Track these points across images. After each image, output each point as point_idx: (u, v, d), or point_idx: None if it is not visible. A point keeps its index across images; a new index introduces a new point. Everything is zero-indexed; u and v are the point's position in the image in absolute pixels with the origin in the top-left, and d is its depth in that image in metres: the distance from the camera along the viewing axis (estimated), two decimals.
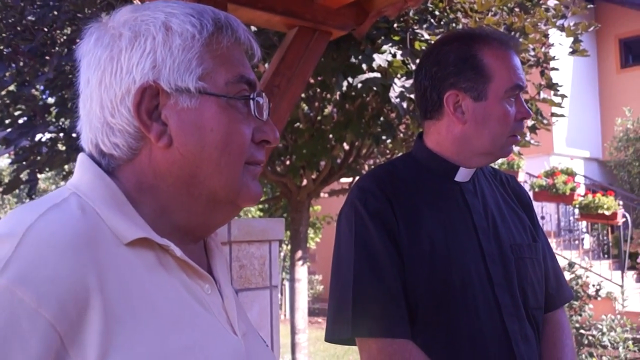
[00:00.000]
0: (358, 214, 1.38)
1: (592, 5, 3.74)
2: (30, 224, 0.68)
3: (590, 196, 9.37)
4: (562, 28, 3.88)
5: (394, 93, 3.26)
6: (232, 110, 0.81)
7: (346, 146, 5.28)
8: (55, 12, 3.67)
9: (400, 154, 5.28)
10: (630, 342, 6.04)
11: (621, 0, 13.24)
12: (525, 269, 1.43)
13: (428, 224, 1.37)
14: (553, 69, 4.18)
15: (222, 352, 0.77)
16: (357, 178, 6.34)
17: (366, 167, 5.89)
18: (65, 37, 4.00)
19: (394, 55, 3.21)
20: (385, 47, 3.24)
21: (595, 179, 12.39)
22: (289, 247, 6.54)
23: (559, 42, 4.43)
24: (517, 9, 3.54)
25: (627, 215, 9.32)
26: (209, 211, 0.83)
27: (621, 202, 9.45)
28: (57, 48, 3.94)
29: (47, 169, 4.36)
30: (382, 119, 3.98)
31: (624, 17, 13.41)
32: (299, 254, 5.92)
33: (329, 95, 4.47)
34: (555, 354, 1.45)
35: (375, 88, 3.36)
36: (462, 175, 1.45)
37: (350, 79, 3.30)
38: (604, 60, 14.17)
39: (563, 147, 12.41)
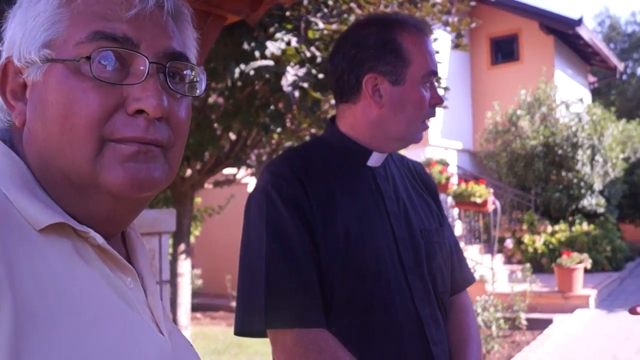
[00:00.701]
0: (270, 199, 1.32)
1: (474, 3, 3.93)
2: None
3: (463, 185, 9.89)
4: (446, 23, 4.03)
5: (286, 82, 3.23)
6: (77, 76, 0.67)
7: (232, 136, 5.18)
8: None
9: (288, 144, 5.27)
10: (501, 321, 6.44)
11: (493, 2, 14.09)
12: (435, 254, 1.44)
13: (342, 209, 1.34)
14: (438, 62, 4.33)
15: (148, 353, 0.69)
16: (242, 168, 6.26)
17: (252, 157, 5.83)
18: None
19: (288, 43, 3.18)
20: (278, 35, 3.21)
21: (467, 169, 13.11)
22: (171, 240, 6.35)
23: (440, 37, 4.59)
24: (407, 3, 3.63)
25: (497, 202, 9.93)
26: (79, 199, 0.70)
27: (492, 190, 10.06)
28: None
29: None
30: (272, 108, 3.94)
31: (494, 18, 14.28)
32: (182, 247, 5.77)
33: (213, 84, 4.36)
34: (461, 336, 1.48)
35: (267, 76, 3.32)
36: (375, 160, 1.44)
37: (242, 66, 3.23)
38: (476, 57, 15.05)
39: (438, 139, 12.99)
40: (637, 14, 46.83)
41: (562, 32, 14.97)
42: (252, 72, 3.21)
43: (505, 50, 15.58)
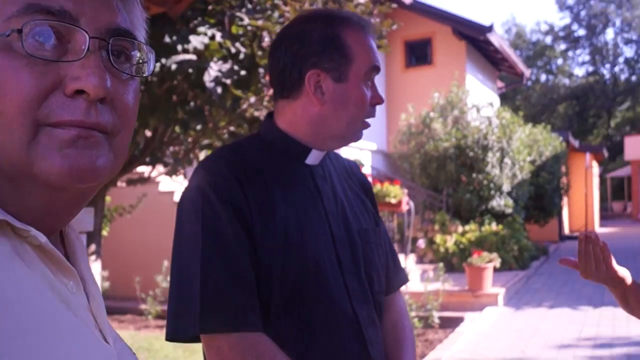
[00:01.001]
0: (206, 198, 1.28)
1: (395, 5, 4.00)
2: None
3: (378, 185, 10.09)
4: None
5: (208, 77, 3.19)
6: (8, 53, 0.60)
7: (148, 132, 5.05)
8: None
9: (206, 142, 5.20)
10: (415, 320, 6.62)
11: (407, 5, 14.48)
12: (372, 254, 1.45)
13: (281, 209, 1.33)
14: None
15: None
16: (157, 166, 6.11)
17: (168, 155, 5.70)
18: None
19: (212, 38, 3.13)
20: (201, 29, 3.15)
21: (381, 170, 13.41)
22: None
23: None
24: (331, 2, 3.67)
25: (411, 203, 10.20)
26: (13, 193, 0.64)
27: (406, 191, 10.31)
28: None
29: None
30: (192, 104, 3.87)
31: (409, 21, 14.65)
32: (92, 248, 5.58)
33: None
34: (396, 336, 1.51)
35: (190, 70, 3.25)
36: (313, 158, 1.43)
37: (163, 60, 3.15)
38: (391, 60, 15.41)
39: None
40: (542, 23, 49.46)
41: (474, 38, 15.60)
42: (173, 66, 3.14)
43: (419, 53, 16.09)
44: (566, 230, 20.87)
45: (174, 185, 9.17)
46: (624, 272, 1.57)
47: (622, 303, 1.68)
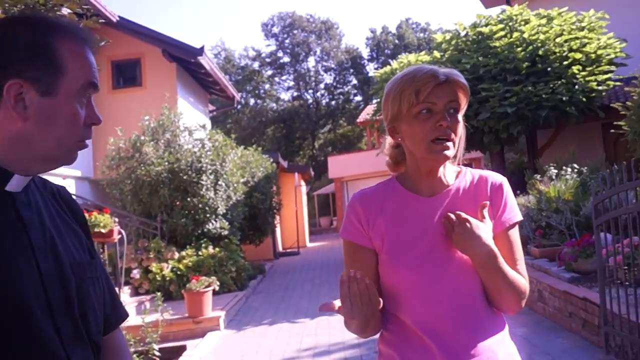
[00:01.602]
0: None
1: (103, 21, 3.86)
2: None
3: (86, 215, 9.60)
4: None
5: None
6: None
7: None
8: None
9: None
10: (135, 356, 6.42)
11: (114, 23, 14.14)
12: (87, 291, 1.36)
13: None
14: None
15: None
16: None
17: None
18: None
19: None
20: None
21: (88, 198, 12.76)
22: None
23: None
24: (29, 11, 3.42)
25: (123, 232, 9.90)
26: None
27: (117, 219, 9.96)
28: None
29: None
30: None
31: (117, 40, 14.26)
32: None
33: None
34: None
35: None
36: (16, 184, 1.29)
37: None
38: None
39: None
40: (250, 49, 52.30)
41: (185, 60, 15.86)
42: None
43: (127, 74, 15.82)
44: (280, 248, 22.20)
45: None
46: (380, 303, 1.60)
47: (360, 329, 1.69)
